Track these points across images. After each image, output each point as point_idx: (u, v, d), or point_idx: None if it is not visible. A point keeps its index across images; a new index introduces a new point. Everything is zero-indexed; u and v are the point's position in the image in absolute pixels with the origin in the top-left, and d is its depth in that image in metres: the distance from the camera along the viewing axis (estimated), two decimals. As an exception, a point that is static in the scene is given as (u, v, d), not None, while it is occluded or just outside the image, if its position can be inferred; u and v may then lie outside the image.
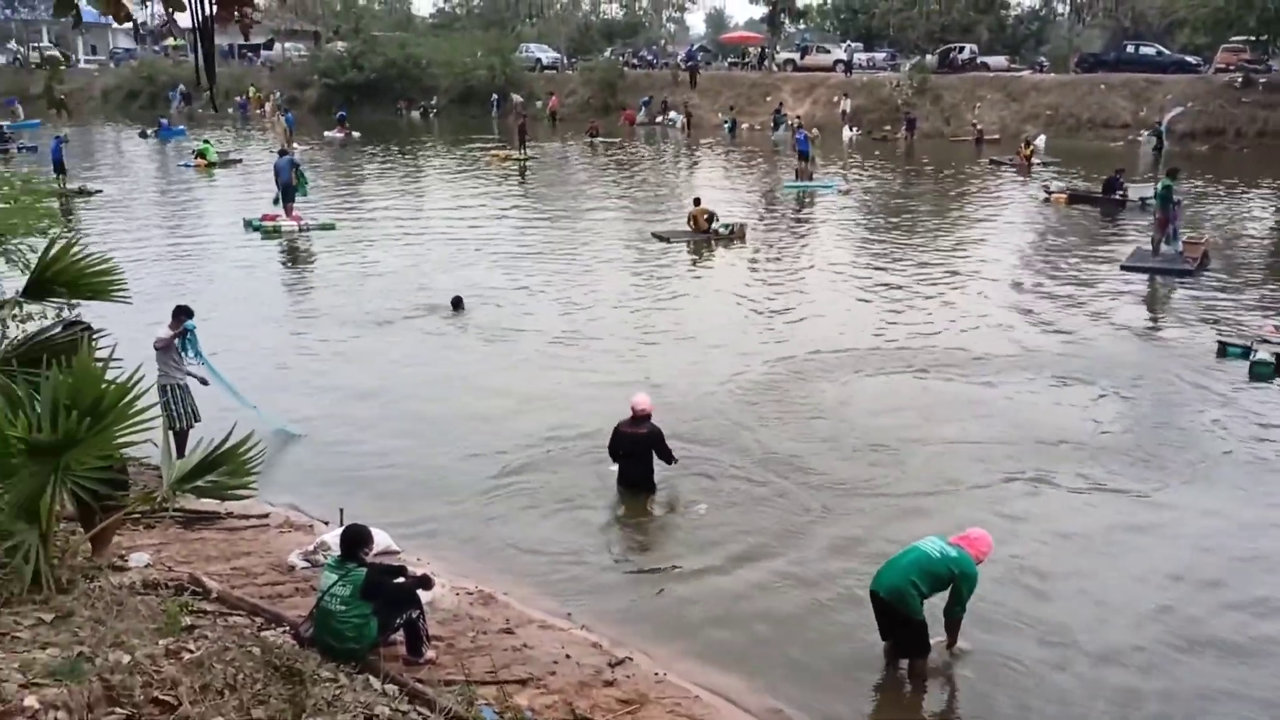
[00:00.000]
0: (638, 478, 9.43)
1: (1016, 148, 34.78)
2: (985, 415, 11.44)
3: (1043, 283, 17.94)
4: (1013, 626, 7.34)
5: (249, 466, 5.41)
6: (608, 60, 56.54)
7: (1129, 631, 7.35)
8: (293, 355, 13.78)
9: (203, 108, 55.10)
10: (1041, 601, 7.70)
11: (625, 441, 9.41)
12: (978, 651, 6.97)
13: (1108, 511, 9.16)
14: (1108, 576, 8.09)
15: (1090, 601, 7.73)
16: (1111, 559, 8.40)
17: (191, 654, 4.64)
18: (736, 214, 23.24)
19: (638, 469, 9.42)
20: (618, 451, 9.48)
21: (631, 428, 9.39)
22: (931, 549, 6.66)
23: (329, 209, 24.81)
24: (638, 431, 9.37)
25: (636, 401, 9.49)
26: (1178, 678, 6.85)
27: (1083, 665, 6.94)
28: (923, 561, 6.59)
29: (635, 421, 9.40)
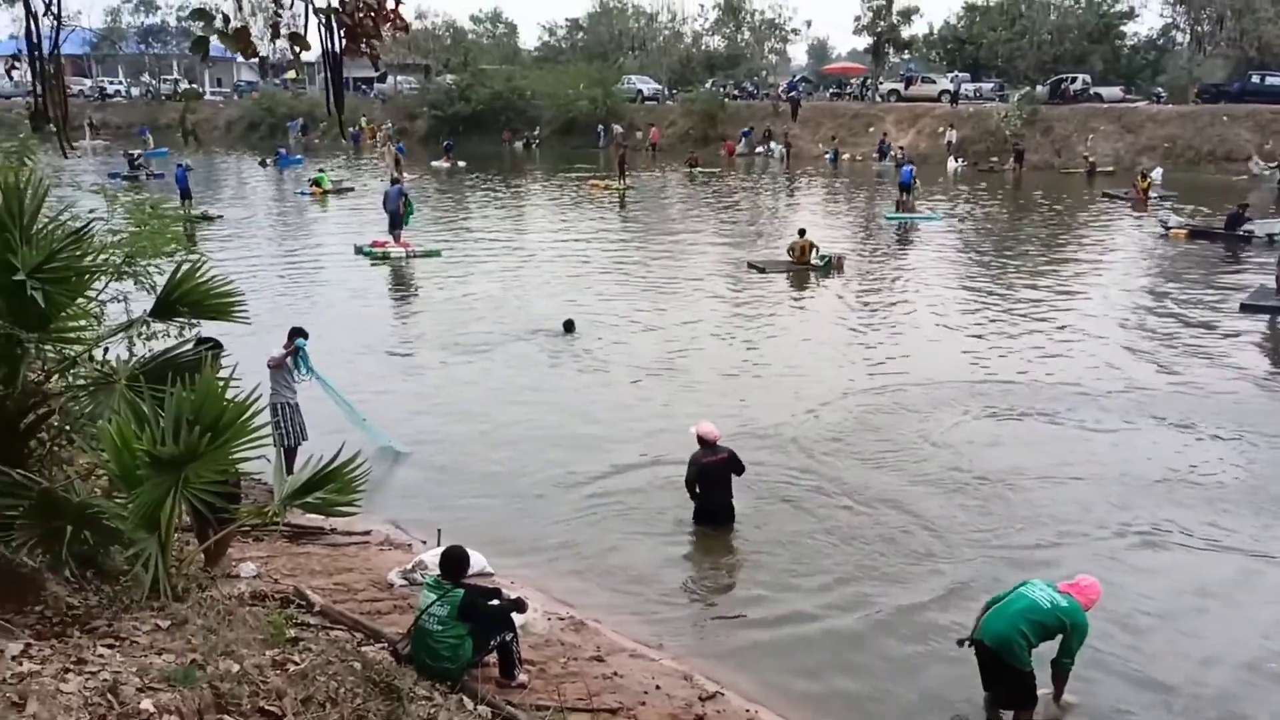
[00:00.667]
0: (722, 506, 9.33)
1: (1132, 180, 33.72)
2: (1093, 458, 11.06)
3: (1157, 320, 17.36)
4: (1123, 677, 7.05)
5: (355, 484, 5.55)
6: (708, 91, 56.80)
7: (1245, 688, 7.00)
8: (397, 377, 14.15)
9: (319, 138, 57.22)
10: (1153, 654, 7.39)
11: (710, 471, 9.27)
12: (1085, 705, 6.71)
13: (1225, 563, 8.77)
14: (1222, 631, 7.73)
15: (1203, 656, 7.39)
16: (1226, 613, 8.02)
17: (296, 665, 4.77)
18: (836, 245, 23.05)
19: (723, 497, 9.32)
20: (700, 483, 9.31)
21: (711, 456, 9.27)
22: (1041, 598, 6.37)
23: (434, 236, 25.43)
24: (718, 459, 9.27)
25: (705, 430, 9.39)
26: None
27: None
28: (1031, 611, 6.32)
29: (711, 449, 9.30)
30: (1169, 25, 60.71)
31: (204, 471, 4.92)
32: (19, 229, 5.05)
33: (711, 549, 9.13)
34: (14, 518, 4.72)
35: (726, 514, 9.36)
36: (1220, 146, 40.44)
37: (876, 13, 53.60)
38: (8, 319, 5.07)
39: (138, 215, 10.47)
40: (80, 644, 4.34)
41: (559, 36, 79.11)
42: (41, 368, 5.79)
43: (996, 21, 58.32)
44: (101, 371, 5.87)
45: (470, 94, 57.75)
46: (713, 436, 9.33)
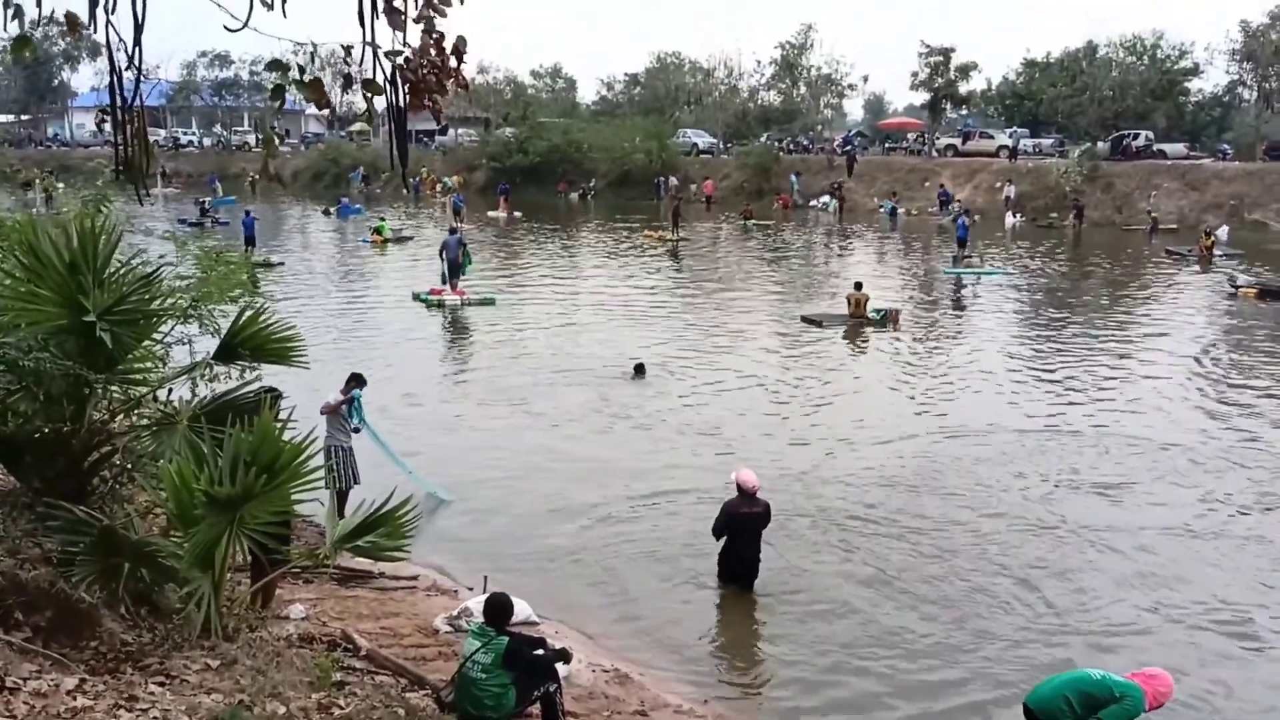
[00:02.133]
0: (752, 559, 9.03)
1: (1197, 238, 33.14)
2: (1158, 536, 10.75)
3: (1223, 379, 17.03)
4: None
5: (405, 529, 5.61)
6: (763, 145, 57.16)
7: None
8: (448, 421, 14.26)
9: (380, 188, 58.51)
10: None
11: (747, 522, 8.94)
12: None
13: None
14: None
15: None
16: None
17: (341, 710, 4.80)
18: (891, 298, 22.93)
19: (754, 549, 9.02)
20: (734, 534, 8.99)
21: (749, 508, 8.94)
22: (1095, 673, 6.20)
23: (490, 284, 25.76)
24: (755, 510, 8.96)
25: (746, 479, 9.03)
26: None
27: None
28: (1081, 681, 6.12)
29: (749, 499, 8.96)
30: (1235, 82, 59.99)
31: (259, 512, 5.02)
32: (92, 273, 5.24)
33: (761, 607, 8.98)
34: (75, 553, 4.84)
35: (754, 567, 9.07)
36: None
37: (934, 68, 53.67)
38: (77, 359, 5.24)
39: (205, 261, 10.78)
40: (133, 680, 4.41)
41: (616, 91, 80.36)
42: (107, 407, 5.96)
43: (1056, 78, 58.12)
44: (164, 412, 6.03)
45: (528, 146, 58.81)
46: (752, 487, 9.02)
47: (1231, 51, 56.17)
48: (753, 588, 9.06)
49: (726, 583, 9.09)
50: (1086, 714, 6.02)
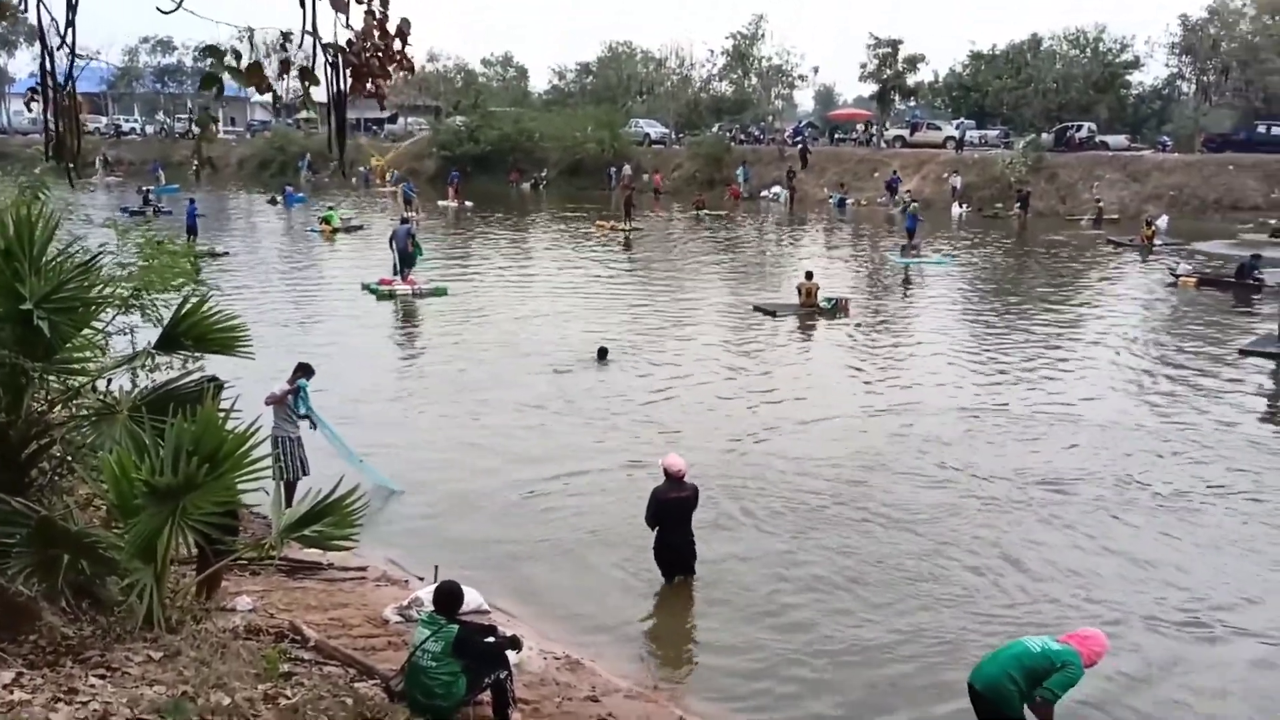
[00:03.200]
0: (685, 544, 8.95)
1: (1139, 228, 33.85)
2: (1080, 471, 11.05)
3: (1159, 363, 17.50)
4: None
5: (353, 519, 5.57)
6: (715, 135, 57.34)
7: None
8: (396, 414, 14.16)
9: (329, 177, 57.78)
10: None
11: (674, 508, 8.82)
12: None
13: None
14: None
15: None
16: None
17: (288, 700, 4.76)
18: (841, 288, 23.17)
19: (685, 535, 8.94)
20: (662, 520, 8.90)
21: (677, 492, 8.83)
22: (1034, 644, 6.34)
23: (442, 275, 25.58)
24: (683, 495, 8.85)
25: (672, 464, 8.93)
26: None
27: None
28: (1023, 656, 6.26)
29: (677, 485, 8.85)
30: (1174, 75, 61.32)
31: (202, 503, 4.96)
32: (28, 259, 5.13)
33: (706, 590, 9.04)
34: (11, 545, 4.75)
35: (688, 552, 9.00)
36: (1227, 195, 40.60)
37: (883, 60, 54.12)
38: (13, 348, 5.13)
39: (147, 250, 10.61)
40: (72, 674, 4.35)
41: (568, 80, 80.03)
42: (45, 397, 5.84)
43: (1002, 70, 58.90)
44: (104, 402, 5.93)
45: (479, 135, 58.46)
46: (679, 471, 8.88)
47: (1171, 45, 57.51)
48: (693, 571, 9.02)
49: (662, 570, 9.02)
50: (1031, 688, 6.17)
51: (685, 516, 8.90)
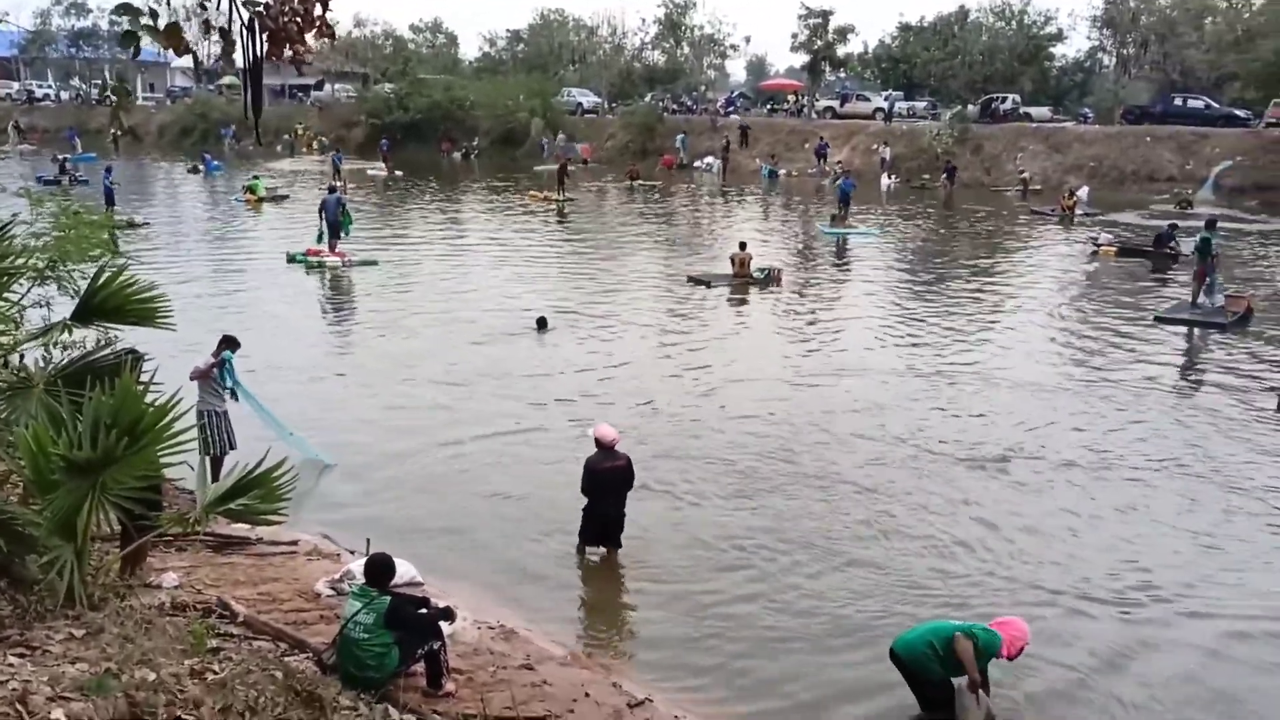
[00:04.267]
0: (614, 514, 8.88)
1: (1058, 197, 34.64)
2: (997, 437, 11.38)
3: (1078, 329, 18.03)
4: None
5: (280, 492, 5.51)
6: (647, 105, 57.17)
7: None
8: (330, 384, 13.99)
9: (253, 145, 56.43)
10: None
11: (607, 478, 8.77)
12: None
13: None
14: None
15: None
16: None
17: (216, 675, 4.71)
18: (773, 259, 23.36)
19: (617, 504, 8.87)
20: (593, 490, 8.85)
21: (610, 462, 8.79)
22: (954, 621, 6.68)
23: (372, 245, 25.21)
24: (616, 464, 8.80)
25: (603, 433, 8.88)
26: None
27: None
28: (943, 627, 6.57)
29: (609, 454, 8.82)
30: (1096, 48, 62.65)
31: (123, 477, 4.86)
32: (-68, 229, 4.96)
33: (637, 558, 9.09)
34: (-78, 524, 4.61)
35: (617, 524, 8.92)
36: (1144, 166, 41.65)
37: (813, 30, 54.37)
38: (-82, 321, 4.96)
39: (63, 220, 10.27)
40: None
41: (499, 48, 79.09)
42: (-46, 372, 5.66)
43: (930, 41, 59.59)
44: (18, 376, 5.76)
45: (408, 103, 57.59)
46: (610, 440, 8.84)
47: (1093, 18, 58.72)
48: (619, 543, 8.98)
49: (587, 540, 8.98)
50: (948, 657, 6.38)
51: (618, 487, 8.86)
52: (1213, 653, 7.71)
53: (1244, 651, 7.74)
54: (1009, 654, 6.52)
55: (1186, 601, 8.40)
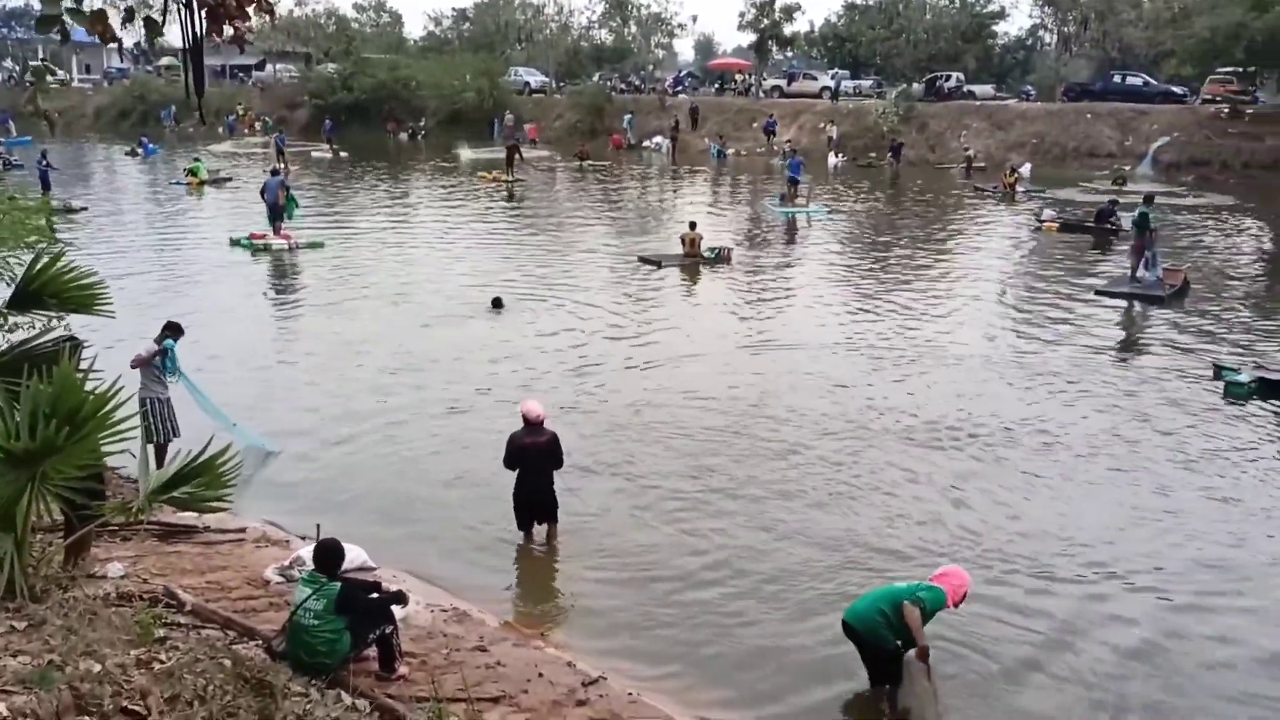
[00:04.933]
0: (541, 493, 8.79)
1: (1000, 175, 35.11)
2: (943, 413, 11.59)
3: (1022, 304, 18.35)
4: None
5: (225, 479, 5.44)
6: (595, 85, 56.89)
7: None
8: (275, 371, 13.82)
9: (194, 126, 55.31)
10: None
11: (530, 454, 8.63)
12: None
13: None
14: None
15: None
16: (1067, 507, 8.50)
17: (163, 664, 4.66)
18: (724, 238, 23.44)
19: (542, 481, 8.75)
20: (519, 465, 8.71)
21: (533, 438, 8.65)
22: (901, 584, 6.81)
23: (318, 227, 24.88)
24: (539, 440, 8.66)
25: (529, 409, 8.73)
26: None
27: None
28: (892, 592, 6.68)
29: (534, 430, 8.67)
30: (1037, 26, 63.46)
31: (64, 467, 4.78)
32: None
33: (583, 535, 9.11)
34: None
35: (546, 502, 8.84)
36: (1085, 143, 42.31)
37: (760, 9, 54.40)
38: None
39: (1, 206, 10.07)
40: (-73, 649, 4.17)
41: (445, 27, 78.11)
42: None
43: (875, 20, 59.92)
44: (-49, 366, 5.62)
45: (353, 83, 56.70)
46: (536, 416, 8.68)
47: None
48: (554, 519, 8.90)
49: (520, 518, 8.90)
50: (899, 623, 6.51)
51: (543, 463, 8.71)
52: (1156, 623, 7.83)
53: (1184, 624, 7.88)
54: (954, 603, 6.68)
55: (1136, 576, 8.50)
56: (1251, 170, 37.64)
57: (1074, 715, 6.76)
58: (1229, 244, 25.29)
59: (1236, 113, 40.20)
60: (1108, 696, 6.94)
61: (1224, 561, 8.78)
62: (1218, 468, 10.72)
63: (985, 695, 6.94)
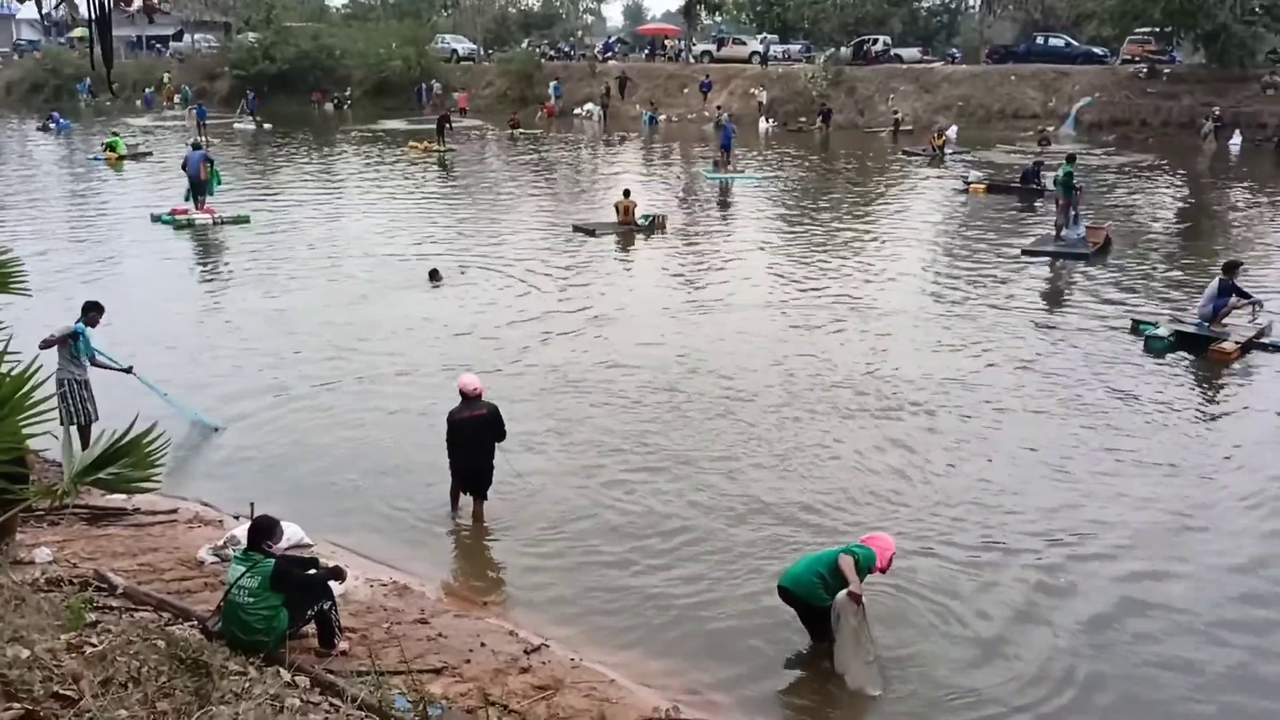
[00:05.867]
0: (481, 465, 8.71)
1: (927, 137, 35.52)
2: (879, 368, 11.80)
3: (950, 263, 18.74)
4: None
5: (152, 459, 5.31)
6: (524, 52, 56.21)
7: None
8: (202, 350, 13.52)
9: (109, 100, 53.58)
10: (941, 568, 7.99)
11: (467, 428, 8.56)
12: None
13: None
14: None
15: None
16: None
17: (94, 648, 4.59)
18: (658, 205, 23.44)
19: (481, 456, 8.68)
20: (458, 441, 8.63)
21: (470, 411, 8.59)
22: (832, 547, 6.98)
23: (243, 202, 24.33)
24: (477, 414, 8.58)
25: (464, 383, 8.69)
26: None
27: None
28: (826, 555, 6.83)
29: (471, 404, 8.62)
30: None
31: (-20, 451, 4.64)
32: None
33: (523, 506, 9.10)
34: None
35: (484, 476, 8.75)
36: (1009, 105, 42.93)
37: (689, -27, 54.13)
38: None
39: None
40: None
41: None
42: None
43: (803, -17, 59.85)
44: None
45: (275, 53, 55.22)
46: (472, 390, 8.63)
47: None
48: (484, 495, 8.85)
49: (455, 489, 8.88)
50: (835, 582, 6.65)
51: (481, 437, 8.63)
52: (1095, 588, 7.81)
53: (1124, 588, 7.85)
54: (882, 567, 6.84)
55: (1059, 539, 8.54)
56: (1169, 129, 38.56)
57: (1010, 689, 6.63)
58: (1148, 201, 25.99)
59: (1154, 72, 41.13)
60: (1050, 668, 6.84)
61: (1136, 523, 8.84)
62: (1136, 423, 10.98)
63: (927, 667, 6.97)
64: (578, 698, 6.24)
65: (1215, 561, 8.22)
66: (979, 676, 6.76)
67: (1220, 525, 8.81)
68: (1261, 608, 7.57)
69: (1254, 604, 7.61)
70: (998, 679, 6.74)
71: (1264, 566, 8.11)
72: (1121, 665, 6.92)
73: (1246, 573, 8.04)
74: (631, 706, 6.24)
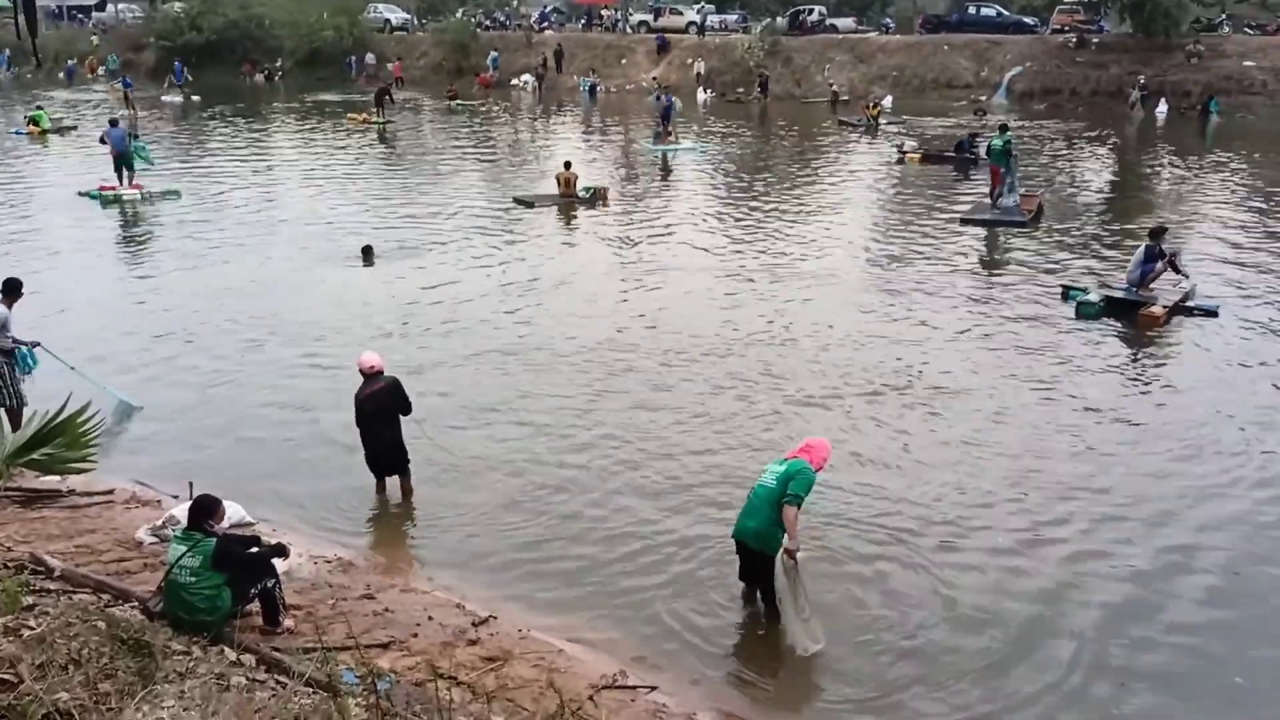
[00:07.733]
0: (386, 443, 8.56)
1: (862, 106, 35.75)
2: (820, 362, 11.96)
3: (889, 232, 19.02)
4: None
5: (86, 439, 5.24)
6: (459, 21, 55.37)
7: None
8: (133, 329, 13.23)
9: (31, 73, 51.84)
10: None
11: (370, 404, 8.39)
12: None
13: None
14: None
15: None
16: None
17: (32, 630, 4.53)
18: (599, 177, 23.35)
19: (387, 431, 8.50)
20: (362, 419, 8.49)
21: (369, 388, 8.41)
22: (769, 479, 6.72)
23: (173, 175, 23.74)
24: (376, 389, 8.40)
25: (363, 361, 8.52)
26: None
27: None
28: (768, 496, 6.64)
29: (371, 380, 8.45)
30: (896, -42, 64.03)
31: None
32: None
33: (463, 480, 9.07)
34: None
35: (393, 454, 8.62)
36: (943, 74, 43.36)
37: (625, -59, 53.62)
38: None
39: None
40: None
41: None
42: None
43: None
44: None
45: (202, 23, 53.68)
46: (369, 366, 8.46)
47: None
48: (406, 471, 8.74)
49: (373, 472, 8.73)
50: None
51: (384, 411, 8.45)
52: (1038, 566, 7.81)
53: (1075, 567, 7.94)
54: (819, 468, 6.78)
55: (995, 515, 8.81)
56: (1098, 97, 39.27)
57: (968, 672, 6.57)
58: (1078, 169, 26.51)
59: (1083, 42, 41.84)
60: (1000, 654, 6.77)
61: (1099, 488, 8.99)
62: (1070, 386, 11.23)
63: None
64: (526, 668, 6.27)
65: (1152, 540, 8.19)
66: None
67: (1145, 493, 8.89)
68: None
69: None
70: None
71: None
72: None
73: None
74: (580, 675, 6.28)
